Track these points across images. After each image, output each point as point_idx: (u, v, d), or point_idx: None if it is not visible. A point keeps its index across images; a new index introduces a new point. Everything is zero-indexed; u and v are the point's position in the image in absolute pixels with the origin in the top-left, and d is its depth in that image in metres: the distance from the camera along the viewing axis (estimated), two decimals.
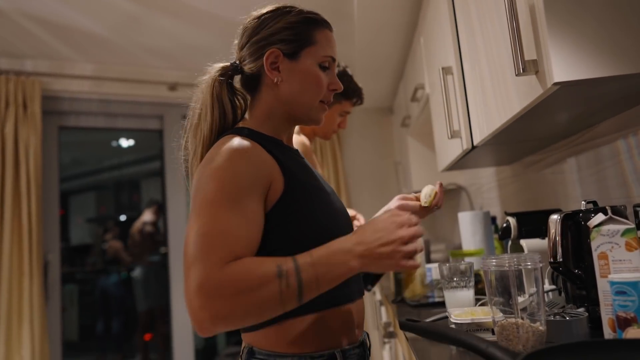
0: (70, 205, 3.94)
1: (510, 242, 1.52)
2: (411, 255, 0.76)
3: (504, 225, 1.52)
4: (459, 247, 2.35)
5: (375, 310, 2.64)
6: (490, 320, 0.96)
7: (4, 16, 2.38)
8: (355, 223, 1.97)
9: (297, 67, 0.95)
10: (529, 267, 0.90)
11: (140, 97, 3.14)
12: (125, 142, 4.23)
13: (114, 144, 4.26)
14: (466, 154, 1.68)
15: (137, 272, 3.66)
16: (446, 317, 1.13)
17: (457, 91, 1.61)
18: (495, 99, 1.25)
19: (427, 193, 1.19)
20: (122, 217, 4.36)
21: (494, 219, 2.20)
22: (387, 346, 2.26)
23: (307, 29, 0.96)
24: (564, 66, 0.90)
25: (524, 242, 1.42)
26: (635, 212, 1.21)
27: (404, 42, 2.61)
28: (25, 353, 2.48)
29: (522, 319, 0.89)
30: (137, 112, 3.23)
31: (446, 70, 1.66)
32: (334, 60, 0.99)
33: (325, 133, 2.01)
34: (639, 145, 1.20)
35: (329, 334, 0.89)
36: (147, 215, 3.67)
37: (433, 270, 1.92)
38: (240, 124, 0.99)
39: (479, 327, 0.99)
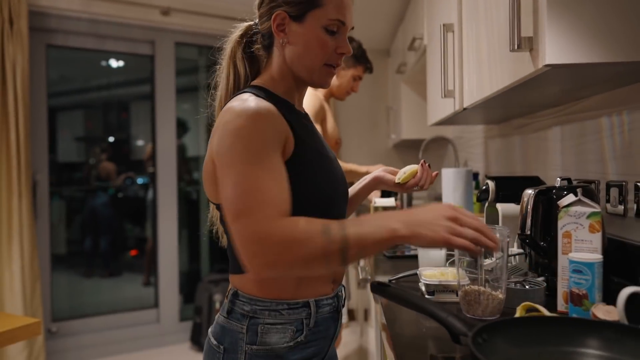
0: (58, 122, 3.91)
1: (487, 205, 1.59)
2: (454, 232, 0.75)
3: (483, 187, 1.58)
4: (440, 198, 2.43)
5: None
6: (456, 283, 1.04)
7: None
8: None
9: (301, 30, 0.95)
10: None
11: (131, 20, 3.03)
12: (115, 63, 4.13)
13: (103, 63, 4.16)
14: (457, 114, 1.70)
15: None
16: (416, 274, 1.21)
17: (455, 51, 1.60)
18: (489, 67, 1.26)
19: (404, 170, 1.19)
20: (111, 139, 4.35)
21: (476, 175, 2.26)
22: (362, 289, 2.39)
23: None
24: (558, 48, 0.91)
25: (499, 206, 1.49)
26: (607, 188, 1.28)
27: None
28: (15, 268, 2.58)
29: (485, 286, 0.97)
30: (127, 35, 3.13)
31: (447, 27, 1.64)
32: (343, 23, 0.97)
33: (340, 94, 2.26)
34: (620, 125, 1.23)
35: (306, 285, 0.96)
36: None
37: None
38: (258, 80, 1.01)
39: (445, 288, 1.07)
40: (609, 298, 0.96)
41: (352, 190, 1.23)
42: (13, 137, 2.60)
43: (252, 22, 1.05)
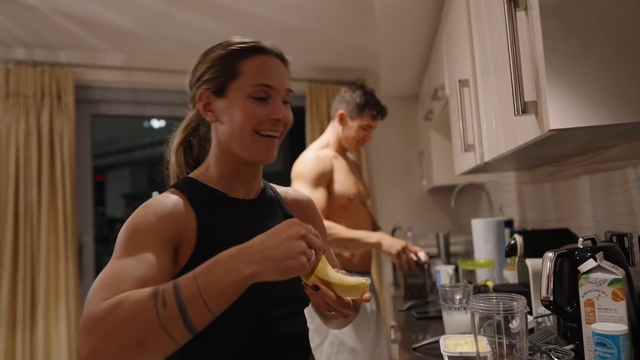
0: (107, 180, 4.14)
1: (517, 260, 1.54)
2: (306, 254, 0.69)
3: (512, 242, 1.53)
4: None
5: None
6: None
7: (37, 12, 2.47)
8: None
9: (226, 104, 0.91)
10: (514, 312, 0.92)
11: (168, 86, 3.21)
12: (156, 123, 4.37)
13: (145, 124, 4.41)
14: (480, 167, 1.68)
15: None
16: (437, 342, 1.17)
17: (472, 105, 1.60)
18: (503, 125, 1.25)
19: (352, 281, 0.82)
20: (155, 194, 4.54)
21: (510, 223, 2.20)
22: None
23: (230, 62, 0.91)
24: (562, 112, 0.90)
25: (529, 262, 1.43)
26: None
27: (428, 35, 2.57)
28: (62, 330, 2.68)
29: (506, 357, 0.93)
30: (165, 100, 3.31)
31: (463, 83, 1.64)
32: (271, 87, 0.91)
33: (350, 146, 2.12)
34: None
35: None
36: None
37: (442, 272, 1.96)
38: (195, 172, 0.98)
39: None
40: None
41: None
42: (60, 203, 2.76)
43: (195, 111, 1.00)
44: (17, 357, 2.58)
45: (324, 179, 1.93)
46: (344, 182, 2.01)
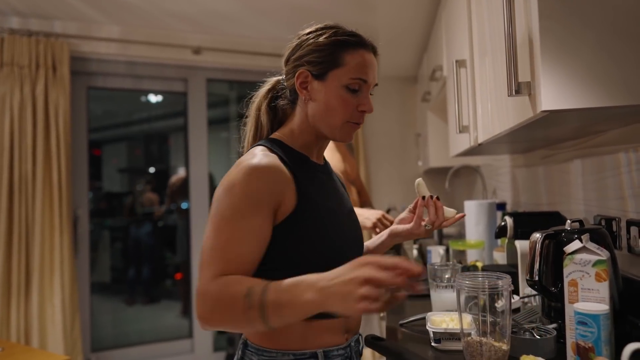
0: (103, 154, 4.13)
1: (507, 241, 1.55)
2: (370, 298, 0.69)
3: (502, 224, 1.55)
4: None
5: None
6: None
7: None
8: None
9: (323, 88, 0.98)
10: (499, 290, 0.94)
11: (166, 60, 3.18)
12: (153, 98, 4.33)
13: (143, 99, 4.38)
14: (474, 148, 1.69)
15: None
16: (424, 318, 1.19)
17: (469, 86, 1.60)
18: (497, 106, 1.25)
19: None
20: (151, 169, 4.53)
21: (503, 206, 2.21)
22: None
23: (335, 51, 0.98)
24: (555, 94, 0.90)
25: (518, 243, 1.45)
26: (627, 226, 1.23)
27: (428, 15, 2.55)
28: (56, 302, 2.70)
29: (491, 334, 0.95)
30: (162, 74, 3.28)
31: (460, 63, 1.64)
32: (365, 81, 0.99)
33: None
34: (637, 161, 1.19)
35: (314, 336, 0.96)
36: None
37: (432, 252, 1.98)
38: (277, 133, 1.05)
39: (451, 336, 1.05)
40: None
41: (369, 246, 1.21)
42: (55, 176, 2.75)
43: (280, 77, 1.09)
44: (12, 328, 2.61)
45: None
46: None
